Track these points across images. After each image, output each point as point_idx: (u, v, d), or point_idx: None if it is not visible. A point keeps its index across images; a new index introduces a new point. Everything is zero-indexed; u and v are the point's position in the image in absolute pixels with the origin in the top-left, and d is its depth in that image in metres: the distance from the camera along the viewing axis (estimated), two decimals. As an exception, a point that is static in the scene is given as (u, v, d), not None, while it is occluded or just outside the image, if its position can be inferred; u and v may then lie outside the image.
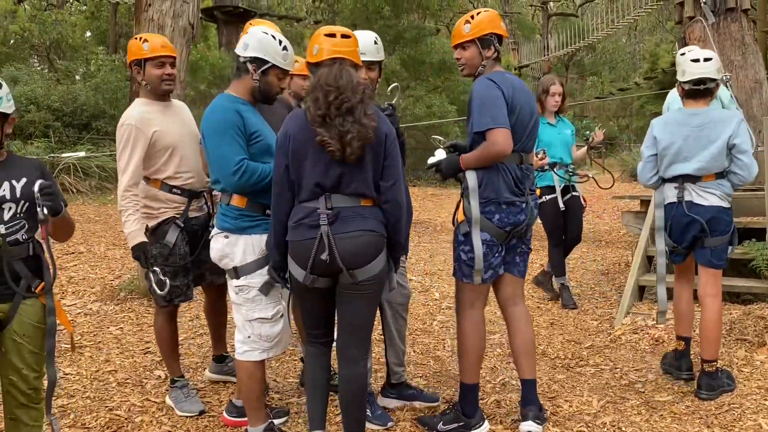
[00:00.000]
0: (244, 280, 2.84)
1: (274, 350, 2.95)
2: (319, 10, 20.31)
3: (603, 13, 26.62)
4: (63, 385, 3.78)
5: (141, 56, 3.38)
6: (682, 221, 3.59)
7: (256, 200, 2.85)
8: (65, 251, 7.04)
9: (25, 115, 14.26)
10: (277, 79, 2.91)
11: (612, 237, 8.93)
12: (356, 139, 2.47)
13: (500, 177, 3.03)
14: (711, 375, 3.60)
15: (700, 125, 3.52)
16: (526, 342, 3.22)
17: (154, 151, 3.31)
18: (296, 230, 2.59)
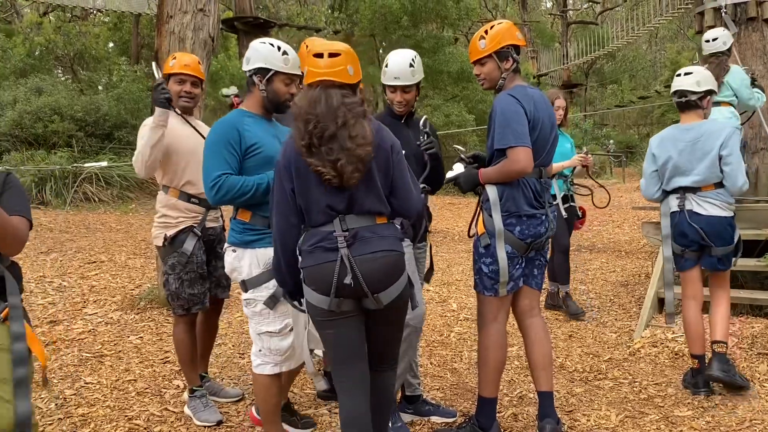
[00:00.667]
0: (251, 293, 2.87)
1: (287, 364, 2.95)
2: (338, 20, 20.42)
3: (623, 20, 26.47)
4: (83, 394, 3.84)
5: (167, 71, 3.57)
6: (685, 229, 3.79)
7: (259, 214, 2.86)
8: (87, 260, 7.15)
9: (49, 125, 14.50)
10: (284, 85, 2.90)
11: (632, 247, 8.85)
12: (347, 164, 2.35)
13: (520, 190, 3.04)
14: (721, 357, 3.72)
15: (694, 139, 3.73)
16: (544, 355, 3.21)
17: (170, 160, 3.45)
18: (312, 255, 2.44)
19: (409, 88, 3.26)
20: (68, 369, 4.21)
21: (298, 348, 2.92)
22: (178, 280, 3.42)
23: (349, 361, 2.53)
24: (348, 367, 2.53)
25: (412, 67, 3.23)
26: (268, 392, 2.94)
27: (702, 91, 3.77)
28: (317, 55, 2.46)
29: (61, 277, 6.44)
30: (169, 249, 3.43)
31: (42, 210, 10.67)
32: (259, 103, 2.96)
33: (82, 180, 11.33)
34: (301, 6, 26.97)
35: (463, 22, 20.91)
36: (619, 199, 14.16)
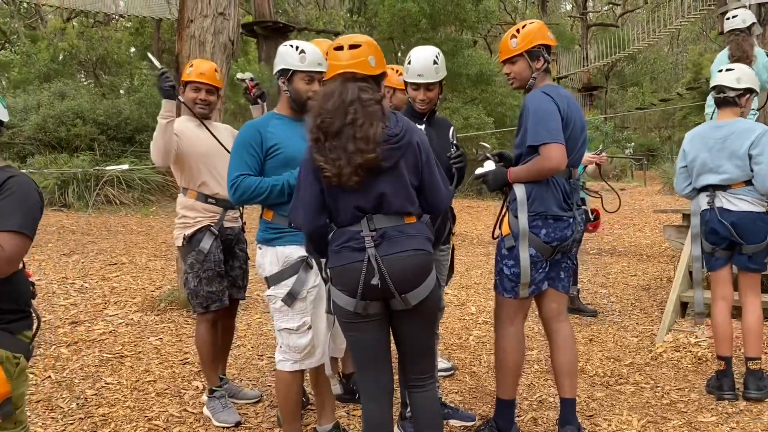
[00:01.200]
0: (272, 290, 2.92)
1: (307, 362, 2.96)
2: (357, 24, 20.48)
3: (644, 22, 26.25)
4: (104, 394, 3.87)
5: (184, 78, 3.66)
6: (715, 226, 3.74)
7: (280, 213, 2.90)
8: (108, 262, 7.22)
9: (72, 129, 14.72)
10: (304, 83, 2.92)
11: (653, 251, 8.75)
12: (346, 166, 2.27)
13: (550, 191, 2.98)
14: (756, 374, 3.66)
15: (724, 137, 3.70)
16: (569, 361, 3.14)
17: (186, 162, 3.52)
18: (339, 255, 2.40)
19: (432, 86, 3.22)
20: (89, 369, 4.25)
21: (318, 347, 2.93)
22: (196, 278, 3.47)
23: (373, 365, 2.48)
24: (372, 372, 2.49)
25: (435, 64, 3.19)
26: (289, 389, 2.97)
27: (741, 89, 3.72)
28: (337, 48, 2.42)
29: (82, 278, 6.51)
30: (188, 248, 3.51)
31: (64, 212, 10.82)
32: (286, 104, 3.01)
33: (104, 183, 11.47)
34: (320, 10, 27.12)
35: (482, 24, 20.84)
36: (640, 202, 14.02)
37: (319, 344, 2.93)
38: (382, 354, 2.49)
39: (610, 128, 25.73)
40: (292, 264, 2.87)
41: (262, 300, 6.09)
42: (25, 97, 17.02)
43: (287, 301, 2.86)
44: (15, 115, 15.82)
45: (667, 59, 37.76)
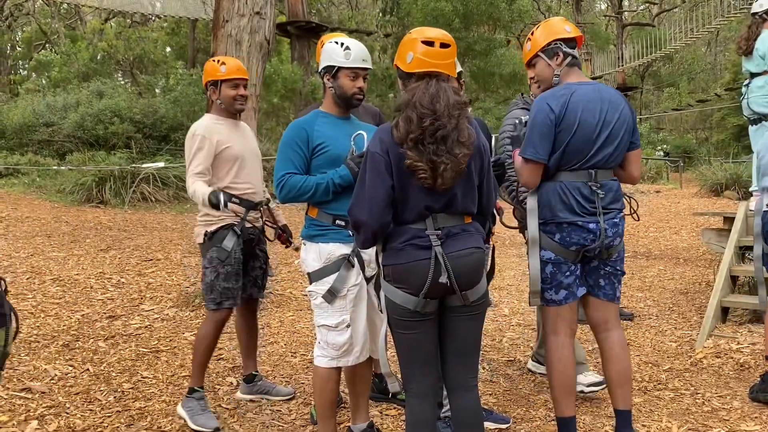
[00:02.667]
0: (313, 286, 2.93)
1: (344, 360, 2.95)
2: (389, 23, 20.48)
3: (681, 22, 25.74)
4: (140, 388, 3.92)
5: (217, 77, 3.59)
6: None
7: (325, 211, 2.92)
8: (144, 258, 7.33)
9: (109, 127, 15.01)
10: (349, 79, 2.93)
11: (691, 255, 8.56)
12: (449, 169, 2.28)
13: (557, 196, 2.89)
14: None
15: None
16: (620, 372, 3.00)
17: (219, 162, 3.50)
18: (402, 252, 2.37)
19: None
20: (126, 363, 4.32)
21: (357, 346, 2.92)
22: (214, 272, 3.43)
23: (423, 363, 2.47)
24: (422, 371, 2.48)
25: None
26: (325, 385, 2.96)
27: None
28: (427, 42, 2.38)
29: (119, 273, 6.62)
30: (209, 244, 3.48)
31: (101, 209, 11.02)
32: (332, 102, 3.02)
33: (140, 180, 11.65)
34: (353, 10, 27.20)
35: (516, 24, 20.68)
36: (676, 205, 13.73)
37: (358, 343, 2.92)
38: (433, 352, 2.48)
39: (645, 129, 25.31)
40: (334, 261, 2.88)
41: (295, 297, 6.12)
42: (65, 96, 17.42)
43: (327, 298, 2.86)
44: (54, 114, 16.20)
45: (705, 59, 36.99)
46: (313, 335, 4.98)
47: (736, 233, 5.49)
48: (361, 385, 3.13)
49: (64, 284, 6.11)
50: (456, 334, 2.49)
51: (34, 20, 28.33)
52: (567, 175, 2.88)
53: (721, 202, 14.00)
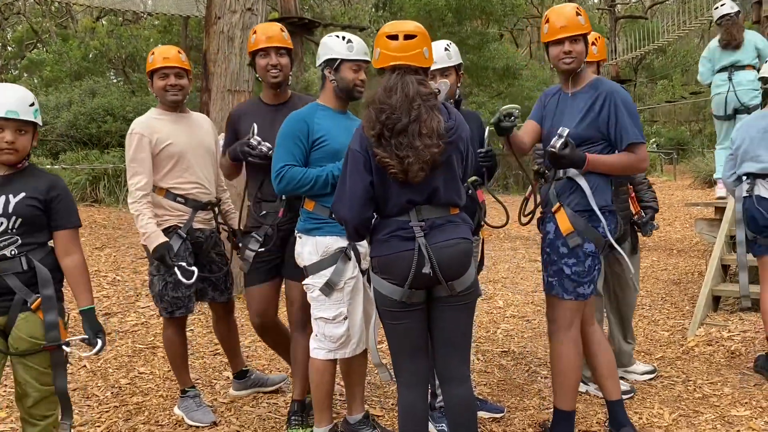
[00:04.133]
0: (310, 279, 2.94)
1: (341, 352, 2.97)
2: (382, 19, 20.45)
3: (674, 14, 25.76)
4: (137, 383, 3.94)
5: (148, 68, 3.42)
6: (754, 213, 3.79)
7: (321, 204, 2.92)
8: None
9: (103, 126, 14.96)
10: (352, 72, 2.94)
11: (684, 245, 8.61)
12: (414, 162, 2.28)
13: (609, 185, 2.97)
14: None
15: (765, 128, 3.75)
16: (608, 362, 3.06)
17: (159, 161, 3.31)
18: (387, 244, 2.40)
19: (448, 70, 3.22)
20: (123, 359, 4.34)
21: (354, 338, 2.95)
22: (161, 281, 3.28)
23: (412, 353, 2.50)
24: (411, 360, 2.51)
25: (447, 51, 3.23)
26: (321, 378, 2.99)
27: None
28: (391, 37, 2.39)
29: (114, 271, 6.63)
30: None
31: (96, 207, 11.01)
32: (332, 95, 3.02)
33: (134, 178, 11.62)
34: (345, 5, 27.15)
35: (509, 18, 20.68)
36: (670, 197, 13.79)
37: (354, 335, 2.95)
38: (421, 342, 2.51)
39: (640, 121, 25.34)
40: (332, 254, 2.89)
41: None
42: (57, 95, 17.34)
43: (325, 291, 2.88)
44: (47, 113, 16.14)
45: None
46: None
47: (727, 223, 5.54)
48: (357, 376, 3.16)
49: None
50: (444, 324, 2.50)
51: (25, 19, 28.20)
52: None
53: (714, 193, 14.05)
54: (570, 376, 2.99)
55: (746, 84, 6.01)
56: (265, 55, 3.27)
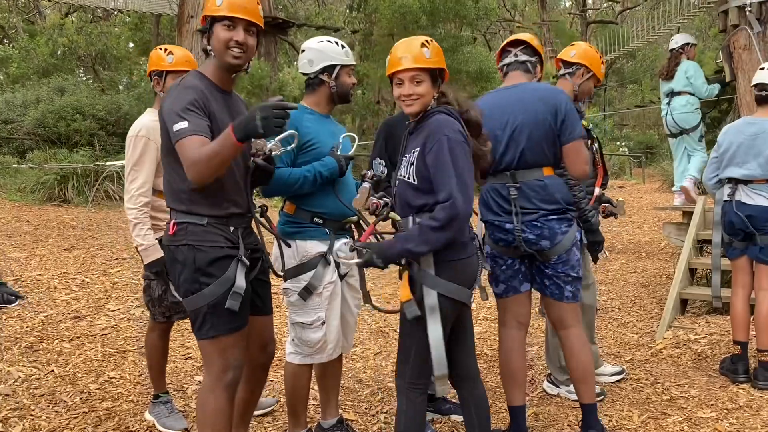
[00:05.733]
0: (288, 283, 2.92)
1: (318, 357, 2.96)
2: (357, 20, 20.45)
3: (644, 20, 26.20)
4: (107, 388, 3.88)
5: (162, 68, 3.27)
6: (732, 218, 3.91)
7: (303, 208, 2.92)
8: (109, 257, 7.23)
9: (72, 124, 14.70)
10: (348, 76, 3.02)
11: (652, 248, 8.77)
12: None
13: (489, 197, 3.06)
14: (766, 365, 3.80)
15: (754, 134, 3.84)
16: (578, 367, 3.09)
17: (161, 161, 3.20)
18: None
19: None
20: (92, 364, 4.27)
21: (330, 343, 2.94)
22: (162, 286, 3.25)
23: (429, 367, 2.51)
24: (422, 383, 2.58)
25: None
26: (296, 381, 2.99)
27: None
28: None
29: (84, 273, 6.52)
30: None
31: (64, 208, 10.81)
32: (324, 99, 3.03)
33: (104, 178, 11.44)
34: (320, 6, 27.07)
35: (482, 22, 20.82)
36: (638, 199, 14.02)
37: (331, 340, 2.94)
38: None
39: (609, 125, 25.74)
40: (311, 259, 2.88)
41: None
42: (24, 92, 16.99)
43: (303, 296, 2.87)
44: (14, 110, 15.80)
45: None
46: (279, 333, 4.99)
47: (695, 227, 5.66)
48: (332, 380, 3.16)
49: (26, 285, 5.99)
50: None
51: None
52: (491, 178, 3.03)
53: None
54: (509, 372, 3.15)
55: (679, 108, 6.77)
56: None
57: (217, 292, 2.35)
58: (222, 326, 2.39)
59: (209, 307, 2.36)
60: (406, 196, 2.52)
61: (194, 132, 2.24)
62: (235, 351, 2.44)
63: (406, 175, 2.52)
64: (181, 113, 2.27)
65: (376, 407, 3.72)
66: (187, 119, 2.25)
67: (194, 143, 2.22)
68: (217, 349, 2.41)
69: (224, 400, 2.44)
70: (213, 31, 2.41)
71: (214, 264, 2.37)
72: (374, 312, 5.56)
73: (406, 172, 2.53)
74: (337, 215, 2.96)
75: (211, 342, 2.41)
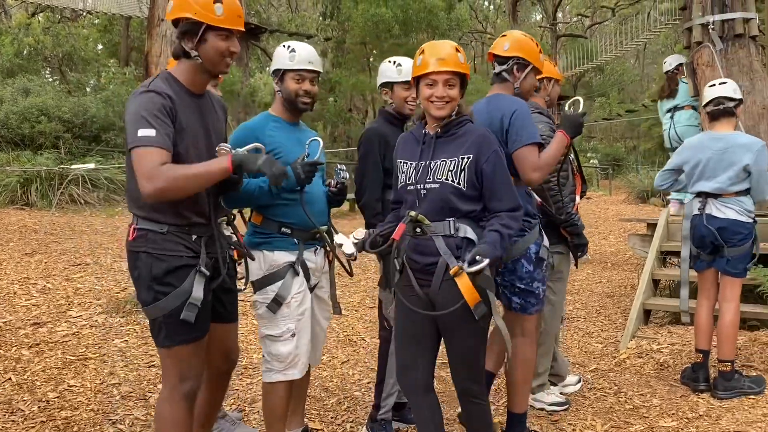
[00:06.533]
0: (258, 295, 2.85)
1: (291, 372, 2.84)
2: (330, 27, 20.47)
3: (612, 34, 26.73)
4: (67, 397, 3.79)
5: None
6: (702, 231, 3.97)
7: (269, 217, 2.85)
8: (72, 263, 7.08)
9: (36, 126, 14.43)
10: (294, 82, 2.86)
11: (618, 259, 8.91)
12: None
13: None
14: (726, 375, 3.88)
15: (722, 149, 3.91)
16: (518, 377, 3.14)
17: None
18: None
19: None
20: (52, 372, 4.16)
21: (302, 357, 2.86)
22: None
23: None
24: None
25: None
26: (272, 401, 2.87)
27: (738, 99, 4.00)
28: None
29: (45, 279, 6.37)
30: None
31: (26, 211, 10.57)
32: (280, 107, 2.95)
33: (69, 182, 11.23)
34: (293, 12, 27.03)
35: (454, 32, 21.03)
36: (605, 211, 14.26)
37: (303, 354, 2.85)
38: None
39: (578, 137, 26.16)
40: (279, 269, 2.80)
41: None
42: (-13, 92, 16.63)
43: (272, 308, 2.78)
44: (-24, 111, 15.44)
45: (634, 71, 38.54)
46: (245, 341, 4.94)
47: (658, 239, 5.77)
48: (297, 390, 3.11)
49: (-16, 290, 5.84)
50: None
51: (-45, 12, 26.91)
52: None
53: (647, 209, 14.60)
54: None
55: (684, 121, 7.19)
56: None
57: (173, 304, 2.32)
58: (178, 336, 2.36)
59: (165, 317, 2.33)
60: (451, 201, 2.51)
61: (159, 145, 2.19)
62: (192, 361, 2.41)
63: (452, 180, 2.50)
64: (150, 119, 2.21)
65: (342, 416, 3.70)
66: (156, 128, 2.21)
67: (155, 157, 2.17)
68: (174, 358, 2.39)
69: (182, 409, 2.41)
70: (205, 38, 2.36)
71: (172, 274, 2.33)
72: (342, 320, 5.54)
73: (451, 176, 2.50)
74: (304, 225, 2.86)
75: (168, 351, 2.39)
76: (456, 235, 2.49)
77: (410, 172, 2.60)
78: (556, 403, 3.79)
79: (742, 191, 3.90)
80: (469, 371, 2.59)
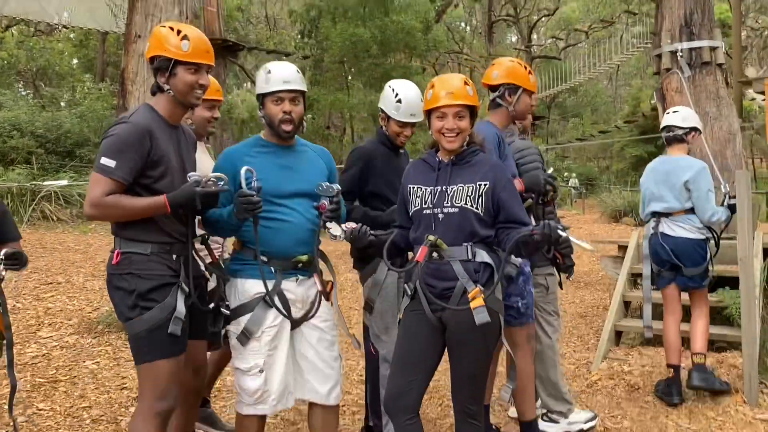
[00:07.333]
0: (231, 325, 2.72)
1: (261, 407, 2.68)
2: (308, 46, 20.57)
3: (585, 56, 27.28)
4: (35, 421, 3.73)
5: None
6: (658, 249, 4.20)
7: (248, 245, 2.71)
8: (43, 281, 6.98)
9: (8, 141, 14.23)
10: (273, 104, 2.72)
11: (591, 279, 9.03)
12: None
13: None
14: (701, 367, 4.05)
15: (667, 171, 4.18)
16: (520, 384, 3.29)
17: None
18: None
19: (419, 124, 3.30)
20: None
21: (273, 394, 2.67)
22: None
23: None
24: None
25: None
26: (243, 429, 2.75)
27: (687, 127, 4.22)
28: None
29: (14, 298, 6.27)
30: None
31: (-3, 228, 10.40)
32: (267, 130, 2.83)
33: (41, 198, 11.08)
34: (271, 30, 27.13)
35: (431, 52, 21.29)
36: (578, 230, 14.44)
37: (274, 391, 2.67)
38: None
39: (551, 157, 26.54)
40: (250, 300, 2.66)
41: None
42: (-42, 106, 16.38)
43: (241, 340, 2.64)
44: (-54, 125, 15.19)
45: (607, 92, 39.28)
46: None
47: (629, 261, 5.87)
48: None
49: (-48, 310, 5.72)
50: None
51: (-74, 24, 26.52)
52: None
53: (619, 228, 14.84)
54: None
55: None
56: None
57: (158, 317, 2.42)
58: (159, 351, 2.43)
59: (148, 332, 2.41)
60: (470, 226, 2.57)
61: (113, 177, 2.38)
62: (171, 379, 2.45)
63: (471, 205, 2.58)
64: (114, 151, 2.39)
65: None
66: (117, 160, 2.38)
67: (104, 186, 2.38)
68: (153, 374, 2.43)
69: (155, 428, 2.43)
70: (175, 72, 2.51)
71: (156, 291, 2.44)
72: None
73: (470, 202, 2.58)
74: (283, 254, 2.70)
75: (148, 367, 2.43)
76: (473, 259, 2.54)
77: (426, 197, 2.64)
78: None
79: (689, 209, 4.11)
80: (472, 390, 2.60)
